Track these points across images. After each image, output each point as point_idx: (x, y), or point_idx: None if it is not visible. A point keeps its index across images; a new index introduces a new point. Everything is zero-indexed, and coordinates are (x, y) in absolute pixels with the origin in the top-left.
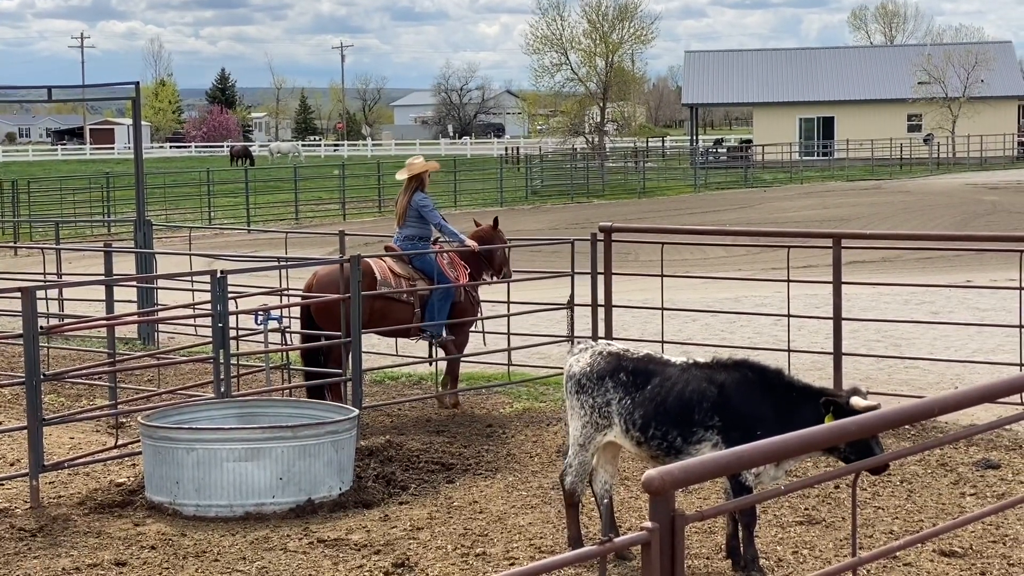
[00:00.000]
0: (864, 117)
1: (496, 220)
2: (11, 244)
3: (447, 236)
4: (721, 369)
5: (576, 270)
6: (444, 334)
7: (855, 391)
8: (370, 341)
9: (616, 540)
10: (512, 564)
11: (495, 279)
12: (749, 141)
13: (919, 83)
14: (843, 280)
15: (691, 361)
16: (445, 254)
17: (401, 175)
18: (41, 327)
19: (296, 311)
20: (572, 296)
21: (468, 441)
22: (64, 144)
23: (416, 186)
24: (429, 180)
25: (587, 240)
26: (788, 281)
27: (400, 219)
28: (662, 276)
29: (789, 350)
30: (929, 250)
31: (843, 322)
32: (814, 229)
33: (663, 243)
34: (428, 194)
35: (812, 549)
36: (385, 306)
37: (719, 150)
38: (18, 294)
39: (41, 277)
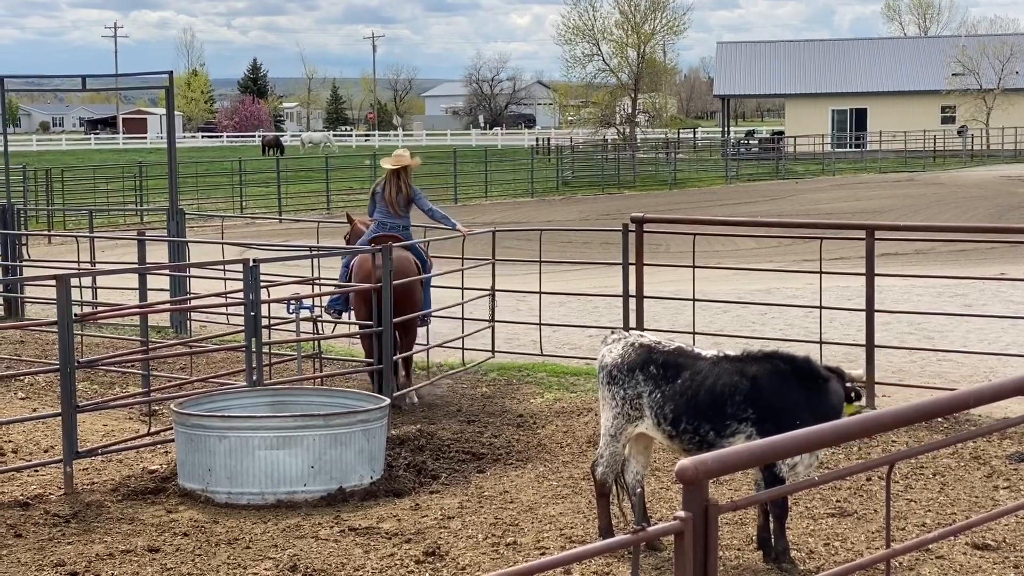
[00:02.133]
0: (897, 109)
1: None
2: (45, 232)
3: (440, 221)
4: (752, 361)
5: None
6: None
7: (840, 370)
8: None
9: (649, 529)
10: (543, 554)
11: None
12: (781, 133)
13: (953, 75)
14: (876, 272)
15: (721, 354)
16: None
17: (391, 163)
18: (75, 315)
19: (326, 300)
20: (493, 283)
21: (499, 431)
22: (97, 133)
23: (406, 177)
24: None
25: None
26: (820, 273)
27: (398, 207)
28: (693, 267)
29: (821, 342)
30: (963, 242)
31: (876, 314)
32: (847, 221)
33: (694, 234)
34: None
35: (844, 541)
36: (417, 291)
37: (751, 142)
38: (53, 282)
39: (75, 265)
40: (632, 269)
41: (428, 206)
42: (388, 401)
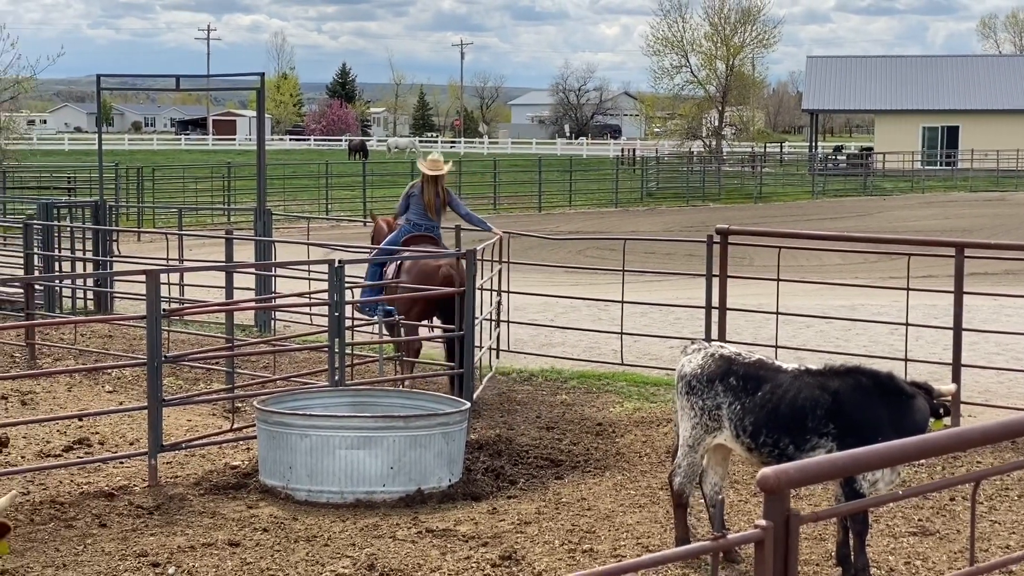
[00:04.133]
0: (990, 127)
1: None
2: (135, 229)
3: (475, 224)
4: (834, 376)
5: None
6: None
7: (927, 386)
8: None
9: (729, 537)
10: (619, 561)
11: None
12: (870, 149)
13: None
14: (965, 290)
15: (803, 368)
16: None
17: (430, 169)
18: (163, 310)
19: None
20: (499, 285)
21: (577, 438)
22: (187, 134)
23: (442, 181)
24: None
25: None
26: (908, 290)
27: (433, 211)
28: (778, 280)
29: (906, 359)
30: None
31: (963, 333)
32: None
33: (780, 247)
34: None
35: (925, 560)
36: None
37: (838, 157)
38: (141, 277)
39: (163, 262)
40: (716, 281)
41: (465, 210)
42: (468, 405)
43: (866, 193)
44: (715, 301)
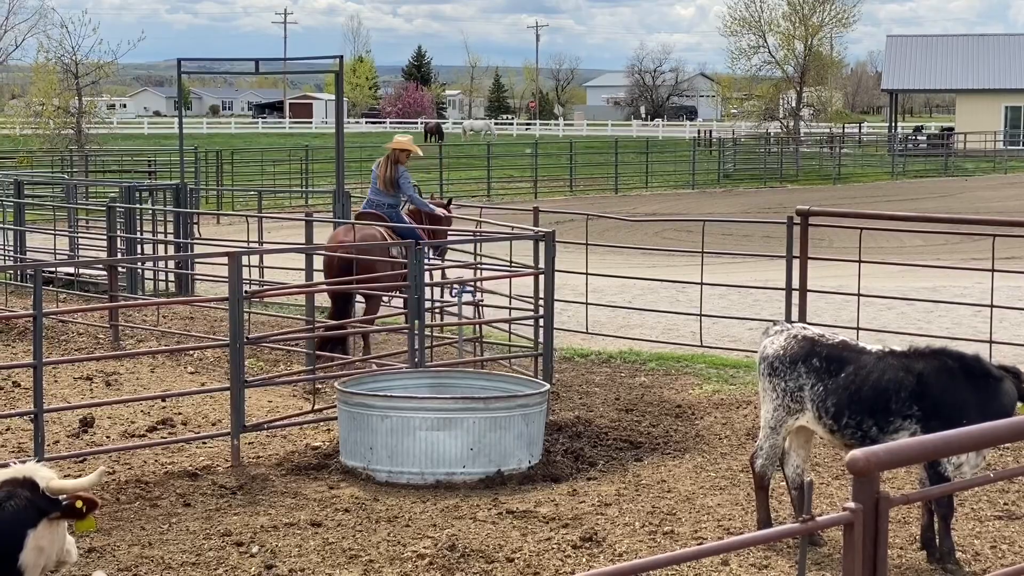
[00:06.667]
0: None
1: (450, 201)
2: (215, 212)
3: (418, 206)
4: (919, 358)
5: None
6: None
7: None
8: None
9: (819, 519)
10: (700, 543)
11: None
12: (951, 129)
13: None
14: None
15: (887, 349)
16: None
17: (391, 145)
18: (244, 292)
19: (488, 285)
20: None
21: (657, 420)
22: (264, 117)
23: (397, 160)
24: (408, 159)
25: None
26: (992, 271)
27: (387, 186)
28: (859, 262)
29: (991, 341)
30: None
31: None
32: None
33: (861, 228)
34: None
35: (1011, 544)
36: (378, 266)
37: (919, 137)
38: (222, 260)
39: (244, 244)
40: (796, 262)
41: (410, 192)
42: (548, 386)
43: (947, 174)
44: (795, 283)
